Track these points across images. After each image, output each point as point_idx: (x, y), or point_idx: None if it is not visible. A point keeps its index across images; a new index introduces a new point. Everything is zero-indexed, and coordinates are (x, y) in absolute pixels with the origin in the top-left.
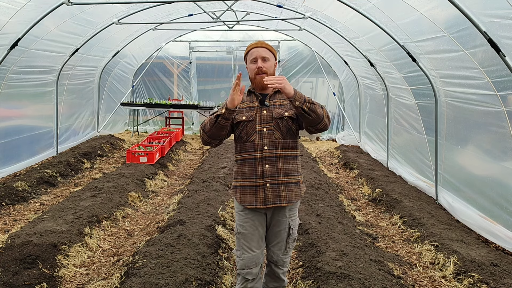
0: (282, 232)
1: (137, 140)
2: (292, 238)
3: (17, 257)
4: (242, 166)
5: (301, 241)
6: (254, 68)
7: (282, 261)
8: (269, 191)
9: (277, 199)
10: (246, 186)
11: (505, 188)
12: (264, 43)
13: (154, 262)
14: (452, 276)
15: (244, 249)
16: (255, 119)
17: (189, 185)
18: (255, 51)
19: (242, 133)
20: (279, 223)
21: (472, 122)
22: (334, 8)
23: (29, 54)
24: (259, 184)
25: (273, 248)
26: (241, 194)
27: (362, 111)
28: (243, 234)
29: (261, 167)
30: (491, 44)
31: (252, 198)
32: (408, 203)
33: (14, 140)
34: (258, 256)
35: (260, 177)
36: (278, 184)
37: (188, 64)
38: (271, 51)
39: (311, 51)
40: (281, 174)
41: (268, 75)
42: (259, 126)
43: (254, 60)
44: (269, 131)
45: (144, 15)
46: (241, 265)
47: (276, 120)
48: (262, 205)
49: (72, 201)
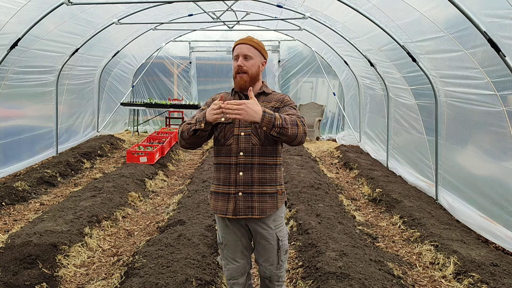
0: (270, 246)
1: (137, 140)
2: (283, 250)
3: (17, 257)
4: (218, 171)
5: (301, 241)
6: (235, 66)
7: (277, 276)
8: (241, 200)
9: (248, 210)
10: (219, 193)
11: (505, 188)
12: (250, 39)
13: (154, 262)
14: (452, 276)
15: (228, 260)
16: (234, 121)
17: (189, 185)
18: (238, 47)
19: (220, 136)
20: (264, 237)
21: (472, 122)
22: (334, 8)
23: (29, 54)
24: (231, 192)
25: (264, 264)
26: (214, 201)
27: (362, 111)
28: (226, 245)
29: (235, 174)
30: (491, 44)
31: (224, 206)
32: (408, 203)
33: (14, 140)
34: (244, 266)
35: (233, 184)
36: (251, 194)
37: (188, 64)
38: (257, 49)
39: (311, 51)
40: (256, 183)
41: (248, 75)
42: (237, 129)
43: (236, 57)
44: (246, 135)
45: (144, 15)
46: (228, 275)
47: (254, 124)
48: (231, 215)
49: (72, 201)
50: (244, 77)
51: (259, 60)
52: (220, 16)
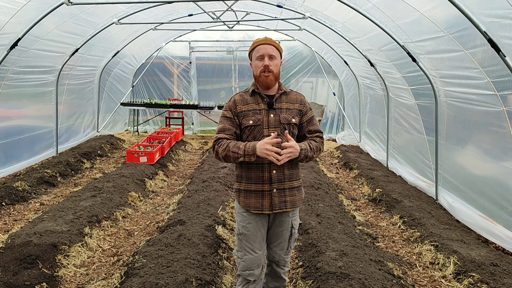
0: (284, 232)
1: (137, 140)
2: (294, 237)
3: (17, 257)
4: (248, 170)
5: (301, 241)
6: (260, 66)
7: (284, 261)
8: (276, 196)
9: (283, 204)
10: (251, 191)
11: (505, 188)
12: (272, 40)
13: (154, 262)
14: (452, 276)
15: (246, 251)
16: (262, 123)
17: (189, 185)
18: (262, 48)
19: (249, 138)
20: (282, 223)
21: (472, 122)
22: (334, 8)
23: (29, 54)
24: (266, 189)
25: (274, 248)
26: (246, 199)
27: (362, 111)
28: (245, 235)
29: (269, 173)
30: (491, 44)
31: (258, 203)
32: (408, 203)
33: (14, 140)
34: (260, 257)
35: (267, 182)
36: (284, 190)
37: (188, 64)
38: (278, 50)
39: (311, 51)
40: (287, 179)
41: (273, 74)
42: (267, 130)
43: (261, 57)
44: (277, 136)
45: (144, 15)
46: (243, 267)
47: (283, 125)
48: (268, 210)
49: (72, 201)
50: (270, 76)
51: (279, 61)
52: (220, 16)
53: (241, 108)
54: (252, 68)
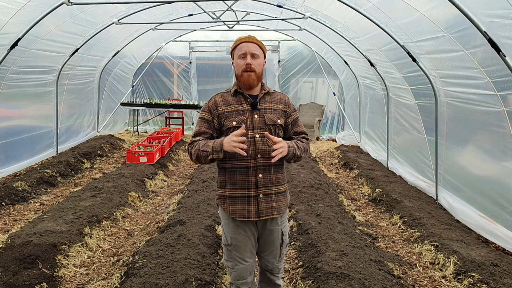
0: (275, 241)
1: (137, 140)
2: (285, 244)
3: (17, 257)
4: (233, 175)
5: (301, 241)
6: (242, 65)
7: (278, 268)
8: (263, 202)
9: (269, 211)
10: (236, 197)
11: (505, 188)
12: (255, 38)
13: (154, 262)
14: (452, 276)
15: (237, 261)
16: (246, 124)
17: (189, 185)
18: (245, 45)
19: None
20: (272, 232)
21: (472, 122)
22: (334, 8)
23: (29, 54)
24: (252, 195)
25: (267, 257)
26: (231, 205)
27: (362, 111)
28: (235, 246)
29: (254, 177)
30: (491, 44)
31: (244, 209)
32: (408, 203)
33: (14, 140)
34: (252, 265)
35: (253, 187)
36: (270, 195)
37: (188, 64)
38: (261, 48)
39: (311, 51)
40: (273, 184)
41: (256, 74)
42: (251, 132)
43: (243, 55)
44: (262, 137)
45: (144, 15)
46: (235, 276)
47: (268, 126)
48: (255, 217)
49: (72, 201)
50: (253, 76)
51: (263, 60)
52: (220, 16)
53: (223, 109)
54: (234, 67)
